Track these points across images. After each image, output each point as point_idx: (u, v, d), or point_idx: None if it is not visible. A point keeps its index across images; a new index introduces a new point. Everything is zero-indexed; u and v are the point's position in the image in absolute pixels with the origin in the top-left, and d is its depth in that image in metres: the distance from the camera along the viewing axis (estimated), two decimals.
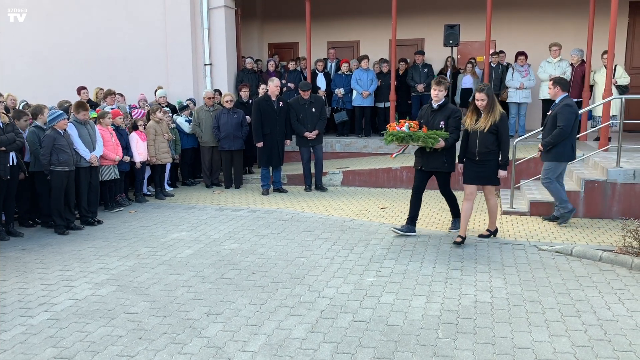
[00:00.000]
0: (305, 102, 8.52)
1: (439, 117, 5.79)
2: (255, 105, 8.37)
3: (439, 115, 5.80)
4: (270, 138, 8.38)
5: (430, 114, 5.84)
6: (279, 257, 5.39)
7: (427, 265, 5.08)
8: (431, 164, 5.83)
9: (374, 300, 4.28)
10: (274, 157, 8.47)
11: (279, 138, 8.45)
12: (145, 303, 4.31)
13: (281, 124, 8.45)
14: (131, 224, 6.90)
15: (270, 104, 8.34)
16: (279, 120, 8.41)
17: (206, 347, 3.57)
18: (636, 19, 11.45)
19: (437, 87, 5.70)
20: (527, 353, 3.43)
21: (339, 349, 3.51)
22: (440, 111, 5.83)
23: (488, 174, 5.60)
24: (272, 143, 8.41)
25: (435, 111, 5.85)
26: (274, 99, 8.41)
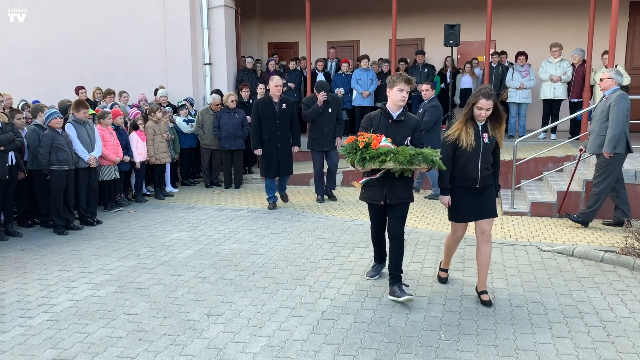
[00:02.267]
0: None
1: (404, 131, 4.16)
2: (254, 107, 7.40)
3: (402, 128, 4.16)
4: (269, 144, 7.33)
5: (390, 126, 4.14)
6: (280, 258, 5.37)
7: (428, 267, 5.06)
8: (399, 193, 4.14)
9: (375, 302, 4.26)
10: (273, 165, 7.38)
11: (280, 144, 7.35)
12: (145, 304, 4.29)
13: (284, 128, 7.38)
14: (131, 224, 6.87)
15: (270, 106, 7.32)
16: (281, 124, 7.33)
17: (207, 348, 3.55)
18: (636, 19, 11.44)
19: (404, 87, 4.10)
20: (529, 355, 3.41)
21: (340, 350, 3.49)
22: (403, 123, 4.19)
23: (490, 204, 4.16)
24: (271, 150, 7.35)
25: (396, 122, 4.18)
26: (275, 100, 7.36)
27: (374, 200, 4.24)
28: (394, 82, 4.15)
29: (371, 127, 4.15)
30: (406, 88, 4.13)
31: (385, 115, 4.21)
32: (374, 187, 4.16)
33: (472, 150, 4.01)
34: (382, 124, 4.16)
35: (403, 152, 3.81)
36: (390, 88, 4.18)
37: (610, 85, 6.06)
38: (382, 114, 4.22)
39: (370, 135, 3.91)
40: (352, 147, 3.94)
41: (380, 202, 4.20)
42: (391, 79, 4.18)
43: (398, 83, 4.13)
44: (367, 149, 3.86)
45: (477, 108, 3.98)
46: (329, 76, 11.33)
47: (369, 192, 4.25)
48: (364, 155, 3.86)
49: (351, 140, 3.95)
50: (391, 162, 3.82)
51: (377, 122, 4.18)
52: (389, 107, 4.21)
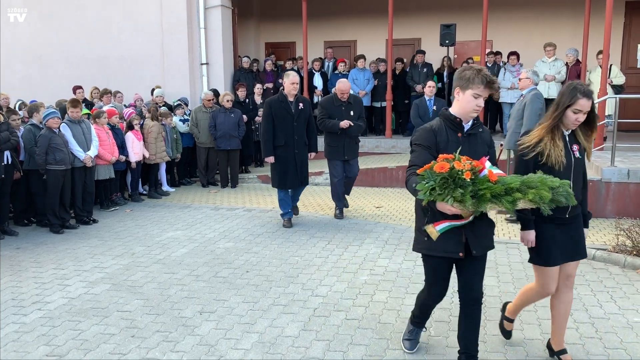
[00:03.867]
0: (342, 103, 6.69)
1: (480, 149, 2.94)
2: (266, 107, 6.35)
3: (477, 145, 2.95)
4: (285, 151, 6.30)
5: (461, 142, 2.88)
6: (274, 256, 5.40)
7: (420, 264, 5.07)
8: (484, 239, 2.96)
9: (367, 299, 4.29)
10: (290, 175, 6.34)
11: (298, 151, 6.35)
12: (138, 301, 4.32)
13: (301, 131, 6.37)
14: (126, 223, 6.90)
15: (286, 106, 6.27)
16: (298, 127, 6.33)
17: (199, 345, 3.58)
18: (632, 19, 11.49)
19: (482, 93, 2.80)
20: (518, 350, 3.44)
21: (330, 346, 3.52)
22: (477, 137, 2.97)
23: (582, 239, 3.17)
24: (288, 158, 6.31)
25: (468, 137, 2.93)
26: (291, 99, 6.30)
27: (449, 252, 2.88)
28: (470, 82, 2.77)
29: (436, 144, 2.83)
30: (484, 94, 2.79)
31: (452, 126, 2.87)
32: (447, 232, 2.79)
33: (562, 169, 2.95)
34: (451, 139, 2.84)
35: (543, 185, 2.57)
36: (462, 89, 2.81)
37: (527, 84, 6.27)
38: (448, 124, 2.88)
39: (469, 160, 2.55)
40: (444, 181, 2.50)
41: (458, 254, 2.86)
42: (465, 77, 2.79)
43: (475, 86, 2.75)
44: (482, 183, 2.50)
45: (574, 111, 2.93)
46: (326, 76, 11.38)
47: (440, 242, 2.84)
48: (482, 192, 2.49)
49: (426, 168, 2.57)
50: (527, 201, 2.54)
51: (443, 137, 2.83)
52: (459, 115, 2.86)
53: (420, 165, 2.68)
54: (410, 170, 2.80)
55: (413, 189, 2.65)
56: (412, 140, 2.94)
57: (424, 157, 2.77)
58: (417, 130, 2.95)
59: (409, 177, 2.77)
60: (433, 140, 2.85)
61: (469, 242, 2.86)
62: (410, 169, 2.81)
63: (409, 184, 2.76)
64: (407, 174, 2.81)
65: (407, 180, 2.79)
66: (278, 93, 6.45)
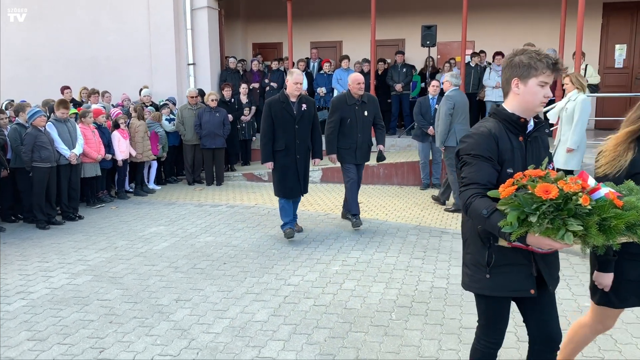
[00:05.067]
0: (356, 102, 6.16)
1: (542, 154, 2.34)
2: (265, 108, 5.79)
3: (538, 149, 2.34)
4: (286, 156, 5.76)
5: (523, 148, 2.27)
6: (251, 249, 5.61)
7: (391, 255, 5.32)
8: (556, 270, 2.40)
9: (336, 287, 4.51)
10: (291, 183, 5.81)
11: (300, 156, 5.83)
12: (118, 291, 4.52)
13: (304, 135, 5.84)
14: (111, 219, 7.09)
15: (287, 107, 5.73)
16: (301, 130, 5.78)
17: (172, 329, 3.79)
18: (610, 20, 11.77)
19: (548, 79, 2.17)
20: (471, 332, 3.66)
21: (297, 330, 3.74)
22: (537, 140, 2.36)
23: None
24: (289, 163, 5.77)
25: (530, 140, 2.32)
26: (293, 99, 5.76)
27: (517, 290, 2.28)
28: (532, 68, 2.15)
29: (498, 154, 2.19)
30: (550, 81, 2.18)
31: (514, 128, 2.24)
32: (514, 264, 2.25)
33: None
34: (515, 145, 2.22)
35: None
36: (522, 79, 2.18)
37: (448, 87, 7.02)
38: (507, 126, 2.23)
39: (577, 179, 1.93)
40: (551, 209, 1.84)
41: (529, 291, 2.26)
42: (523, 63, 2.16)
43: (540, 72, 2.14)
44: (605, 210, 1.88)
45: None
46: (311, 76, 11.59)
47: (503, 276, 2.26)
48: (612, 223, 1.87)
49: (510, 191, 1.94)
50: None
51: (506, 144, 2.20)
52: (520, 113, 2.23)
53: (483, 183, 2.11)
54: (470, 190, 2.12)
55: (483, 217, 2.02)
56: (464, 149, 2.22)
57: (486, 173, 2.14)
58: (470, 136, 2.23)
59: (471, 200, 2.09)
60: (495, 149, 2.17)
61: (542, 274, 2.27)
62: (468, 189, 2.14)
63: (472, 210, 2.08)
64: (466, 196, 2.12)
65: (468, 204, 2.10)
66: (279, 93, 5.93)
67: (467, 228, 2.37)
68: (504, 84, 2.27)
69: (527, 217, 1.88)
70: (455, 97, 6.94)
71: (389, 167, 9.30)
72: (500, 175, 2.15)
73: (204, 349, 3.49)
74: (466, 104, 7.08)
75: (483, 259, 2.27)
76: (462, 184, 2.20)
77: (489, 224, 2.01)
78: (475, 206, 2.07)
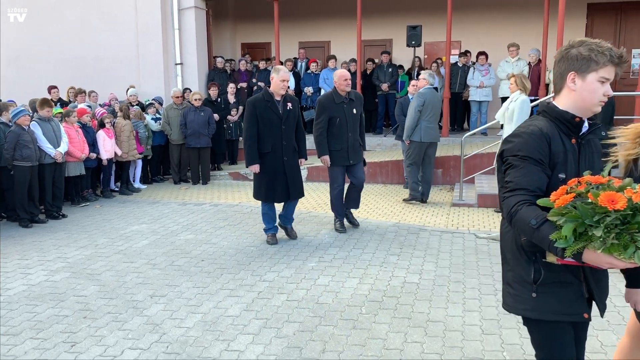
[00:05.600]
0: (343, 100, 5.88)
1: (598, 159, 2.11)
2: (249, 107, 5.46)
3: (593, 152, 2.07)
4: (273, 159, 5.48)
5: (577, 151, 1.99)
6: (230, 246, 5.67)
7: (367, 252, 5.39)
8: (607, 288, 2.14)
9: (310, 283, 4.58)
10: (278, 187, 5.54)
11: (287, 158, 5.53)
12: (95, 287, 4.57)
13: (290, 135, 5.57)
14: (95, 217, 7.14)
15: (272, 107, 5.43)
16: (287, 130, 5.51)
17: (145, 324, 3.84)
18: (594, 20, 11.89)
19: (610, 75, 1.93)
20: (438, 325, 3.75)
21: (267, 324, 3.81)
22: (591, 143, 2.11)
23: None
24: (276, 166, 5.50)
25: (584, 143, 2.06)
26: (277, 98, 5.48)
27: (569, 313, 1.98)
28: (592, 62, 1.91)
29: (549, 154, 1.93)
30: (611, 76, 1.93)
31: (566, 129, 1.97)
32: (563, 282, 1.96)
33: None
34: (568, 148, 1.95)
35: None
36: (580, 74, 1.94)
37: (424, 84, 7.37)
38: (560, 126, 1.97)
39: None
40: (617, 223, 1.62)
41: (582, 315, 1.99)
42: (582, 56, 1.92)
43: (601, 66, 1.91)
44: None
45: None
46: (299, 75, 11.66)
47: (553, 296, 1.97)
48: None
49: (565, 200, 1.70)
50: None
51: (559, 146, 1.93)
52: (575, 111, 1.97)
53: (532, 190, 1.85)
54: (515, 196, 1.86)
55: (531, 228, 1.77)
56: (510, 149, 1.95)
57: (536, 177, 1.88)
58: (518, 135, 1.95)
59: (517, 208, 1.83)
60: (546, 151, 1.91)
61: (594, 296, 2.01)
62: (513, 195, 1.87)
63: (518, 219, 1.82)
64: (511, 203, 1.86)
65: (513, 212, 1.84)
66: (262, 91, 5.62)
67: (507, 241, 2.07)
68: (557, 78, 2.00)
69: (585, 231, 1.64)
70: (427, 95, 7.20)
71: (374, 166, 9.38)
72: (551, 182, 1.89)
73: (174, 343, 3.55)
74: (438, 103, 7.43)
75: (528, 276, 1.98)
76: (507, 189, 1.92)
77: (538, 236, 1.76)
78: (522, 215, 1.81)
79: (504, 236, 2.11)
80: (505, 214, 1.91)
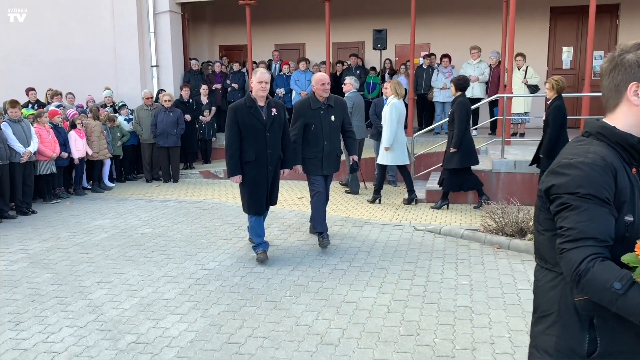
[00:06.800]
0: (321, 106, 5.46)
1: None
2: (230, 113, 5.04)
3: None
4: (257, 169, 5.06)
5: None
6: (183, 239, 6.05)
7: (309, 243, 5.77)
8: None
9: (246, 270, 4.97)
10: (261, 197, 5.14)
11: (272, 167, 5.13)
12: (48, 275, 4.95)
13: (275, 143, 5.14)
14: (62, 213, 7.51)
15: (255, 113, 5.02)
16: (272, 137, 5.08)
17: (87, 306, 4.23)
18: (557, 23, 12.32)
19: None
20: (350, 305, 4.14)
21: (197, 305, 4.19)
22: None
23: None
24: (259, 176, 5.08)
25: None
26: (261, 103, 5.05)
27: None
28: None
29: (615, 190, 1.51)
30: None
31: (627, 155, 1.58)
32: (625, 352, 1.56)
33: None
34: (633, 181, 1.56)
35: None
36: None
37: (350, 88, 8.06)
38: (619, 152, 1.57)
39: None
40: None
41: None
42: None
43: None
44: None
45: None
46: (272, 77, 12.05)
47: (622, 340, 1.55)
48: None
49: None
50: None
51: (624, 180, 1.53)
52: (638, 134, 1.57)
53: (602, 239, 1.45)
54: (583, 249, 1.45)
55: (614, 293, 1.38)
56: (565, 184, 1.52)
57: (604, 222, 1.47)
58: (574, 166, 1.52)
59: (588, 265, 1.42)
60: (612, 187, 1.51)
61: None
62: (579, 247, 1.45)
63: (591, 280, 1.42)
64: (577, 258, 1.44)
65: (582, 271, 1.42)
66: (245, 96, 5.19)
67: (551, 298, 1.62)
68: (610, 91, 1.59)
69: None
70: (354, 98, 7.87)
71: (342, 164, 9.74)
72: (616, 226, 1.48)
73: (108, 322, 3.93)
74: (362, 105, 8.34)
75: (580, 346, 1.55)
76: (567, 238, 1.47)
77: (625, 304, 1.36)
78: (596, 275, 1.40)
79: (546, 291, 1.64)
80: (569, 271, 1.45)
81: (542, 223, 1.64)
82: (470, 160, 6.84)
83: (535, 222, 1.70)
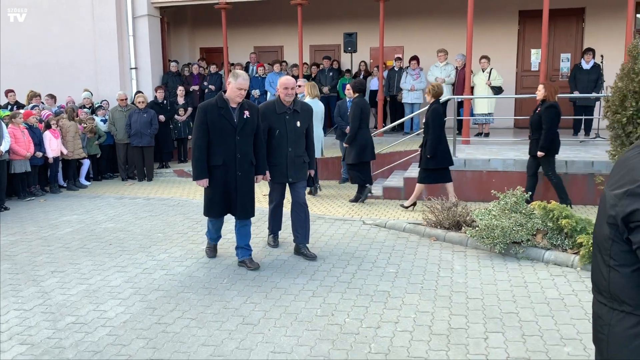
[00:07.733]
0: (286, 111, 5.25)
1: None
2: (199, 114, 4.89)
3: None
4: (224, 173, 4.90)
5: None
6: (141, 233, 6.38)
7: (258, 236, 6.10)
8: None
9: (193, 261, 5.30)
10: (224, 201, 5.00)
11: (242, 173, 4.93)
12: (7, 265, 5.28)
13: (246, 147, 4.94)
14: (34, 210, 7.84)
15: (226, 114, 4.84)
16: (242, 141, 4.89)
17: (36, 292, 4.56)
18: (525, 26, 12.67)
19: None
20: (280, 291, 4.47)
21: (138, 292, 4.53)
22: None
23: None
24: (227, 181, 4.93)
25: None
26: (233, 105, 4.87)
27: None
28: None
29: None
30: None
31: None
32: None
33: None
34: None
35: None
36: None
37: (302, 91, 8.04)
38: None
39: None
40: None
41: None
42: None
43: None
44: None
45: None
46: None
47: None
48: None
49: None
50: None
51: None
52: None
53: None
54: None
55: None
56: None
57: None
58: None
59: None
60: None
61: None
62: None
63: None
64: None
65: None
66: (217, 96, 4.97)
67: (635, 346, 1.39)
68: None
69: None
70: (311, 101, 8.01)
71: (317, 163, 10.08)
72: None
73: (53, 305, 4.27)
74: (320, 108, 8.47)
75: None
76: None
77: None
78: None
79: (626, 341, 1.41)
80: None
81: (616, 257, 1.38)
82: (365, 155, 7.59)
83: (604, 255, 1.42)
